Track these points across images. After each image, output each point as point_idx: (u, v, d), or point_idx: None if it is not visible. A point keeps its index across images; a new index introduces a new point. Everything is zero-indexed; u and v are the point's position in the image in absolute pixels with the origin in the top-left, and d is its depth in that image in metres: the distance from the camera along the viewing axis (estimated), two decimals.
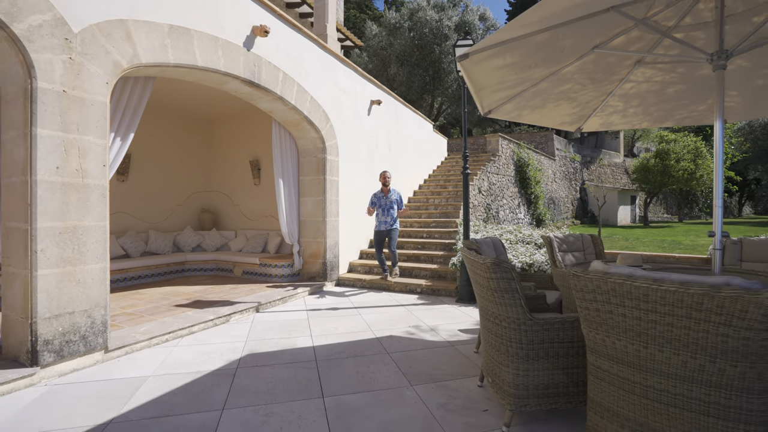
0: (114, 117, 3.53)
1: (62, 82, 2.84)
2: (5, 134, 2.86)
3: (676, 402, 1.43)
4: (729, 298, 1.24)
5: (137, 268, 5.84)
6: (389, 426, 2.15)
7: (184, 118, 7.58)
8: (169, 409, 2.31)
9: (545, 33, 2.49)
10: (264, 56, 4.78)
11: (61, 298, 2.83)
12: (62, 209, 2.86)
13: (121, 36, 3.22)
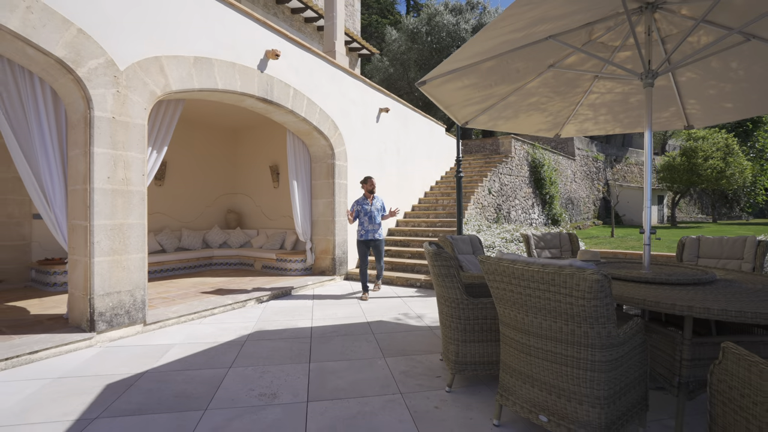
0: (150, 134, 4.29)
1: (112, 110, 3.59)
2: (71, 152, 3.64)
3: (546, 356, 1.90)
4: (568, 275, 1.71)
5: (171, 261, 6.69)
6: (356, 383, 2.70)
7: (212, 129, 8.44)
8: (189, 365, 2.97)
9: (492, 60, 2.96)
10: (276, 76, 5.44)
11: (111, 280, 3.58)
12: (112, 210, 3.61)
13: (156, 70, 3.96)
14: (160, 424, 2.16)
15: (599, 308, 1.68)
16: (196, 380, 2.72)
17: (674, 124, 4.04)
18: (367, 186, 5.54)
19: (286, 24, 10.04)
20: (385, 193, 8.17)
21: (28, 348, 3.06)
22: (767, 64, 2.99)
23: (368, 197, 5.52)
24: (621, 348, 1.81)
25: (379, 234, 5.51)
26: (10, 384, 2.64)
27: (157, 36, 3.98)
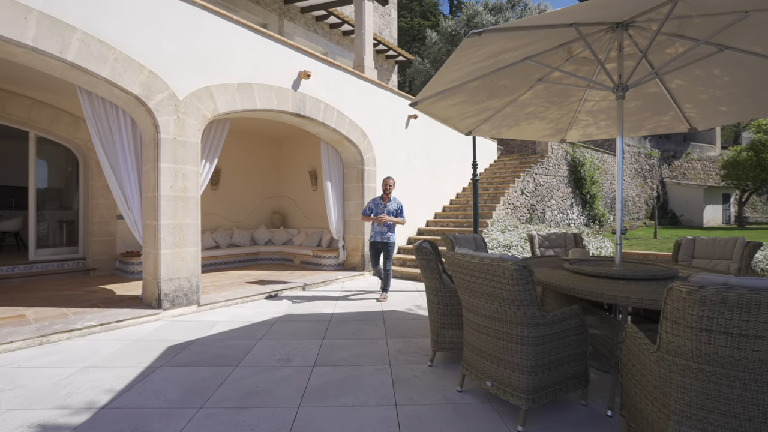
0: (203, 150, 5.18)
1: (174, 132, 4.48)
2: (144, 166, 4.60)
3: (490, 333, 2.34)
4: (496, 265, 2.14)
5: (224, 256, 7.72)
6: (356, 356, 3.27)
7: (259, 139, 9.46)
8: (228, 337, 3.72)
9: (476, 80, 3.37)
10: (308, 93, 6.17)
11: (173, 268, 4.47)
12: (174, 212, 4.50)
13: (207, 97, 4.82)
14: (203, 373, 2.89)
15: (521, 293, 2.10)
16: (232, 347, 3.45)
17: (677, 127, 4.14)
18: (383, 186, 5.37)
19: (324, 38, 10.86)
20: (414, 196, 8.67)
21: (115, 318, 4.00)
22: (749, 70, 3.11)
23: (384, 198, 5.37)
24: (549, 327, 2.21)
25: (389, 237, 5.29)
26: (103, 342, 3.55)
27: (208, 70, 4.84)
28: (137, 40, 4.19)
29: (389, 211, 5.30)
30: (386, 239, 5.28)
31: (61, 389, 2.62)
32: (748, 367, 1.35)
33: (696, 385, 1.45)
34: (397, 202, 5.41)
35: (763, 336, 1.30)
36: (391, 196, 5.37)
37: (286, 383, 2.74)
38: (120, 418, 2.26)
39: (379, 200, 5.40)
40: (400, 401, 2.49)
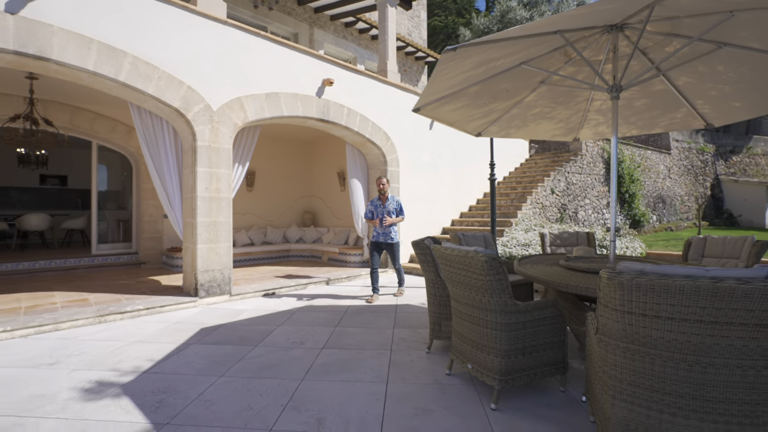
0: (235, 155, 5.72)
1: (209, 140, 5.03)
2: (184, 170, 5.19)
3: (470, 320, 2.55)
4: (470, 257, 2.36)
5: (257, 252, 8.33)
6: (362, 342, 3.58)
7: (291, 143, 10.04)
8: (252, 323, 4.17)
9: (476, 85, 3.55)
10: (331, 99, 6.57)
11: (208, 261, 5.01)
12: (208, 211, 5.04)
13: (238, 107, 5.33)
14: (227, 350, 3.32)
15: (492, 282, 2.30)
16: (255, 331, 3.88)
17: (692, 124, 4.07)
18: (377, 186, 5.32)
19: (354, 43, 11.28)
20: (438, 195, 8.85)
21: (159, 304, 4.59)
22: (753, 66, 3.06)
23: (382, 198, 5.31)
24: (522, 315, 2.39)
25: (391, 237, 5.28)
26: (149, 323, 4.11)
27: (239, 82, 5.35)
28: (177, 60, 4.76)
29: (389, 211, 5.28)
30: (390, 239, 5.28)
31: (113, 357, 3.15)
32: (664, 346, 1.50)
33: (625, 363, 1.61)
34: (395, 200, 5.40)
35: (674, 317, 1.45)
36: (388, 195, 5.32)
37: (295, 361, 3.11)
38: (157, 381, 2.72)
39: (378, 201, 5.35)
40: (392, 380, 2.77)
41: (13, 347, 3.37)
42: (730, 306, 1.37)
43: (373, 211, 5.37)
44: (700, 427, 1.49)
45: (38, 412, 2.29)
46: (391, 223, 5.23)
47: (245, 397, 2.49)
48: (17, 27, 3.66)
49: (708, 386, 1.47)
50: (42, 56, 3.81)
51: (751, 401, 1.44)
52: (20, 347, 3.37)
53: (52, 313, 4.10)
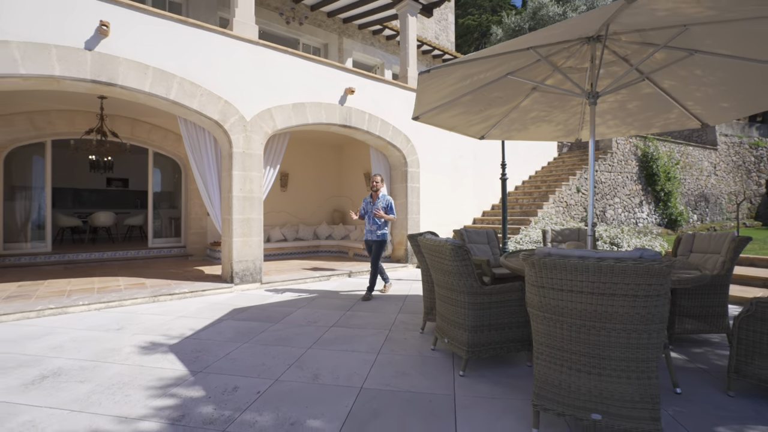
0: (266, 159, 6.43)
1: (243, 147, 5.76)
2: (223, 173, 5.96)
3: (447, 300, 2.98)
4: (440, 245, 2.79)
5: (290, 247, 9.09)
6: (367, 323, 4.09)
7: (322, 147, 10.75)
8: (277, 305, 4.81)
9: (468, 95, 3.93)
10: (353, 106, 7.13)
11: (242, 253, 5.75)
12: (242, 209, 5.77)
13: (268, 117, 6.03)
14: (252, 325, 3.96)
15: (459, 267, 2.73)
16: (277, 312, 4.51)
17: (687, 124, 4.19)
18: (371, 184, 5.35)
19: (381, 50, 11.80)
20: (459, 195, 9.17)
21: (201, 288, 5.36)
22: (727, 70, 3.22)
23: (373, 196, 5.34)
24: (487, 296, 2.79)
25: (378, 235, 5.26)
26: (192, 303, 4.87)
27: (268, 95, 6.05)
28: (216, 78, 5.52)
29: (379, 209, 5.26)
30: (376, 237, 5.27)
31: (163, 326, 3.88)
32: (568, 313, 1.87)
33: (543, 329, 2.00)
34: (385, 199, 5.35)
35: (573, 290, 1.82)
36: (379, 193, 5.33)
37: (306, 335, 3.67)
38: (195, 344, 3.39)
39: (369, 199, 5.40)
40: (383, 351, 3.25)
41: (90, 317, 4.22)
42: (611, 280, 1.73)
43: (365, 208, 5.40)
44: (596, 381, 1.86)
45: (110, 359, 3.01)
46: (381, 217, 5.15)
47: (261, 358, 3.08)
48: (93, 60, 4.53)
49: (601, 346, 1.83)
50: (111, 83, 4.67)
51: (630, 358, 1.78)
52: (95, 317, 4.22)
53: (117, 293, 4.97)
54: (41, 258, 7.28)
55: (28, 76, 4.25)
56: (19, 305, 4.32)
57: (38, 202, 7.63)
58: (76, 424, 2.12)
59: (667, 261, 1.67)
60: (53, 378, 2.69)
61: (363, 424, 2.14)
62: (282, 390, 2.54)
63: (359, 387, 2.59)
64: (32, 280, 5.86)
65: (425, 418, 2.21)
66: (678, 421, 2.15)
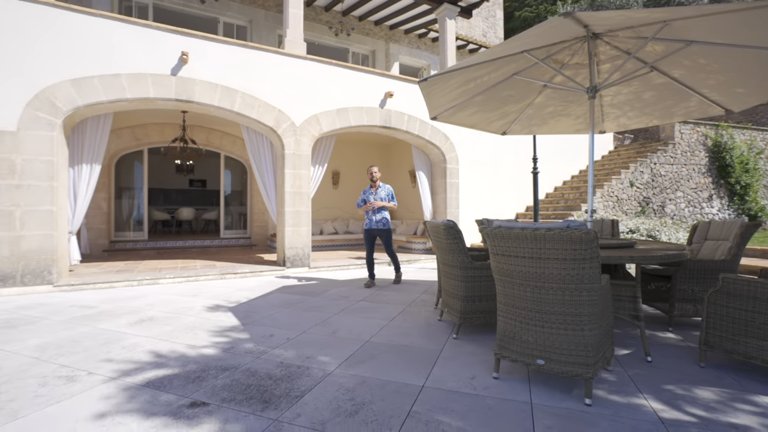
0: (314, 159, 7.29)
1: (293, 149, 6.65)
2: (277, 172, 6.92)
3: (447, 275, 3.45)
4: (438, 226, 3.28)
5: (339, 239, 9.95)
6: (390, 300, 4.66)
7: (370, 146, 11.50)
8: (318, 284, 5.58)
9: (479, 95, 4.32)
10: (392, 109, 7.74)
11: (293, 240, 6.64)
12: (293, 202, 6.67)
13: (315, 122, 6.87)
14: (295, 297, 4.75)
15: (451, 244, 3.20)
16: (317, 289, 5.27)
17: (709, 111, 4.17)
18: (368, 175, 5.56)
19: (427, 52, 12.25)
20: (499, 191, 9.34)
21: (259, 270, 6.34)
22: (730, 57, 3.27)
23: (374, 186, 5.52)
24: (477, 271, 3.22)
25: (383, 224, 5.40)
26: (250, 281, 5.84)
27: (315, 102, 6.88)
28: (270, 91, 6.46)
29: (381, 198, 5.47)
30: (382, 226, 5.40)
31: (227, 295, 4.82)
32: (516, 275, 2.29)
33: (501, 289, 2.43)
34: (386, 188, 5.55)
35: (517, 255, 2.24)
36: (379, 183, 5.53)
37: (336, 306, 4.36)
38: (248, 307, 4.23)
39: (370, 190, 5.56)
40: (396, 319, 3.81)
41: (174, 287, 5.33)
42: (545, 246, 2.14)
43: (365, 198, 5.53)
44: (540, 332, 2.26)
45: (186, 314, 3.95)
46: (377, 206, 5.36)
47: (295, 319, 3.82)
48: (176, 83, 5.67)
49: (543, 303, 2.23)
50: (189, 100, 5.79)
51: (566, 312, 2.16)
52: (177, 287, 5.32)
53: (194, 271, 6.10)
54: (140, 244, 8.90)
55: (132, 99, 5.47)
56: (126, 276, 5.58)
57: (138, 199, 9.31)
58: (162, 346, 2.99)
59: (589, 230, 2.04)
60: (148, 321, 3.66)
61: (360, 361, 2.73)
62: (306, 338, 3.23)
63: (366, 340, 3.19)
64: (134, 260, 7.32)
65: (410, 361, 2.74)
66: (632, 380, 2.44)
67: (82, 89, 5.16)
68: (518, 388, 2.32)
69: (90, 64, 5.21)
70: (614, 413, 2.03)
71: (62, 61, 5.07)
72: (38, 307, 4.22)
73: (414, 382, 2.40)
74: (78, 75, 5.15)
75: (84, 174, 5.76)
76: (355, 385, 2.36)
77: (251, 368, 2.60)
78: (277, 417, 1.99)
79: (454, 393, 2.26)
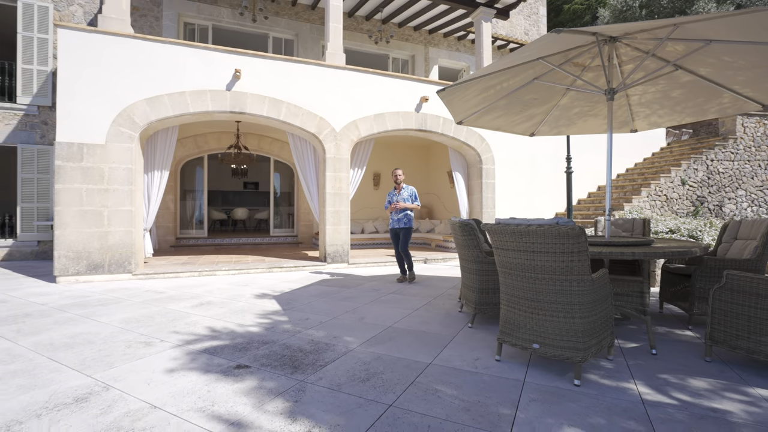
0: (353, 162, 7.79)
1: (333, 153, 7.19)
2: (319, 174, 7.50)
3: (465, 269, 3.72)
4: (455, 224, 3.56)
5: (380, 238, 10.40)
6: (419, 293, 4.99)
7: (410, 148, 11.84)
8: (354, 278, 6.04)
9: (502, 99, 4.52)
10: (428, 112, 8.03)
11: (332, 238, 7.18)
12: (333, 203, 7.20)
13: (353, 127, 7.36)
14: (332, 288, 5.24)
15: (466, 239, 3.48)
16: (353, 282, 5.73)
17: (744, 107, 4.06)
18: (393, 178, 5.87)
19: (467, 54, 12.35)
20: (537, 191, 9.28)
21: (302, 265, 6.94)
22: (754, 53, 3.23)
23: (397, 188, 5.81)
24: (490, 265, 3.47)
25: (405, 223, 5.70)
26: (293, 274, 6.44)
27: (354, 109, 7.37)
28: (313, 100, 7.04)
29: (404, 198, 5.74)
30: (403, 225, 5.71)
31: (272, 286, 5.42)
32: (514, 267, 2.55)
33: (503, 280, 2.69)
34: (409, 189, 5.83)
35: (513, 249, 2.50)
36: (402, 185, 5.82)
37: (367, 297, 4.78)
38: (290, 296, 4.78)
39: (394, 191, 5.86)
40: (420, 310, 4.15)
41: (229, 278, 6.06)
42: (537, 240, 2.38)
43: (390, 200, 5.86)
44: (536, 319, 2.50)
45: (237, 300, 4.57)
46: (404, 208, 5.67)
47: (329, 306, 4.28)
48: (230, 98, 6.42)
49: (537, 292, 2.47)
50: (242, 111, 6.51)
51: (558, 301, 2.39)
52: (231, 278, 6.03)
53: (246, 265, 6.83)
54: (201, 241, 9.96)
55: (194, 113, 6.29)
56: (189, 268, 6.41)
57: (199, 201, 10.40)
58: (216, 323, 3.58)
59: (574, 226, 2.26)
60: (206, 305, 4.31)
61: (379, 342, 3.11)
62: (336, 323, 3.67)
63: (388, 326, 3.56)
64: (195, 254, 8.27)
65: (423, 344, 3.07)
66: (630, 368, 2.60)
67: (154, 106, 6.04)
68: (516, 370, 2.57)
69: (161, 84, 6.08)
70: (599, 393, 2.23)
71: (140, 83, 5.97)
72: (121, 291, 5.07)
73: (423, 360, 2.74)
74: (151, 94, 6.03)
75: (155, 179, 6.69)
76: (371, 360, 2.74)
77: (287, 343, 3.08)
78: (302, 379, 2.43)
79: (457, 370, 2.57)
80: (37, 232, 8.11)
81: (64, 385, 2.34)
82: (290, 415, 1.99)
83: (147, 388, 2.29)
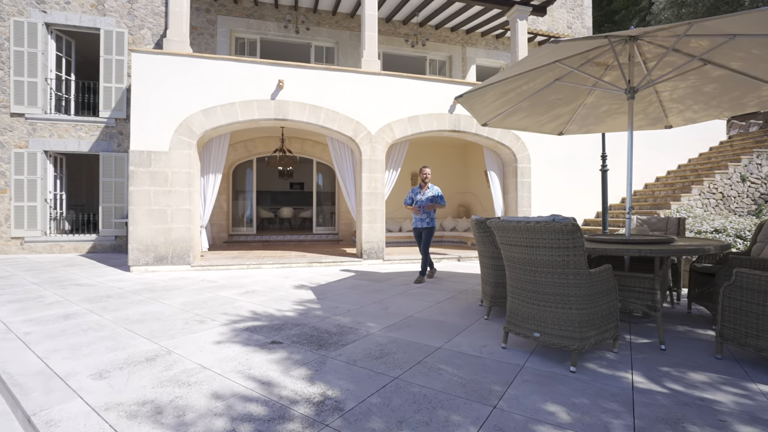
0: (388, 163, 8.14)
1: (369, 154, 7.59)
2: (356, 175, 7.94)
3: (483, 265, 3.93)
4: (472, 221, 3.78)
5: None
6: (445, 288, 5.23)
7: (447, 148, 11.98)
8: (387, 273, 6.39)
9: (525, 101, 4.63)
10: (461, 113, 8.18)
11: (368, 235, 7.58)
12: (369, 202, 7.60)
13: (388, 130, 7.71)
14: (364, 282, 5.62)
15: (482, 236, 3.69)
16: (385, 276, 6.08)
17: None
18: (420, 176, 5.75)
19: (505, 52, 12.23)
20: (576, 190, 9.08)
21: (340, 260, 7.42)
22: None
23: (423, 187, 5.72)
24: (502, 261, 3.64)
25: (427, 222, 5.65)
26: (331, 269, 6.92)
27: (388, 112, 7.72)
28: (349, 106, 7.48)
29: (428, 198, 5.66)
30: (425, 224, 5.67)
31: (310, 278, 5.92)
32: (517, 261, 2.75)
33: (508, 273, 2.90)
34: (434, 189, 5.72)
35: (515, 244, 2.70)
36: (428, 184, 5.73)
37: (395, 290, 5.10)
38: (325, 287, 5.23)
39: (418, 189, 5.79)
40: (442, 303, 4.40)
41: (272, 271, 6.66)
42: (535, 236, 2.57)
43: (412, 198, 5.78)
44: (537, 309, 2.69)
45: (277, 290, 5.10)
46: (431, 209, 5.62)
47: (358, 297, 4.66)
48: (275, 106, 7.03)
49: (537, 284, 2.66)
50: (284, 118, 7.10)
51: (556, 293, 2.56)
52: (274, 271, 6.63)
53: (288, 260, 7.43)
54: (250, 238, 10.82)
55: (243, 121, 6.97)
56: (238, 261, 7.12)
57: (249, 201, 11.30)
58: (257, 307, 4.09)
59: (569, 223, 2.44)
60: (250, 293, 4.87)
61: (397, 328, 3.43)
62: (362, 311, 4.03)
63: (409, 315, 3.87)
64: (245, 250, 9.07)
65: (439, 331, 3.34)
66: (633, 361, 2.70)
67: (209, 116, 6.78)
68: (518, 356, 2.78)
69: (215, 96, 6.81)
70: (591, 380, 2.39)
71: (198, 96, 6.74)
72: (181, 280, 5.81)
73: (434, 345, 3.02)
74: (206, 106, 6.78)
75: (210, 181, 7.48)
76: (387, 342, 3.07)
77: (316, 326, 3.49)
78: (325, 354, 2.81)
79: (463, 354, 2.82)
80: (114, 228, 9.32)
81: (137, 348, 2.91)
82: (310, 379, 2.38)
83: (199, 354, 2.79)
